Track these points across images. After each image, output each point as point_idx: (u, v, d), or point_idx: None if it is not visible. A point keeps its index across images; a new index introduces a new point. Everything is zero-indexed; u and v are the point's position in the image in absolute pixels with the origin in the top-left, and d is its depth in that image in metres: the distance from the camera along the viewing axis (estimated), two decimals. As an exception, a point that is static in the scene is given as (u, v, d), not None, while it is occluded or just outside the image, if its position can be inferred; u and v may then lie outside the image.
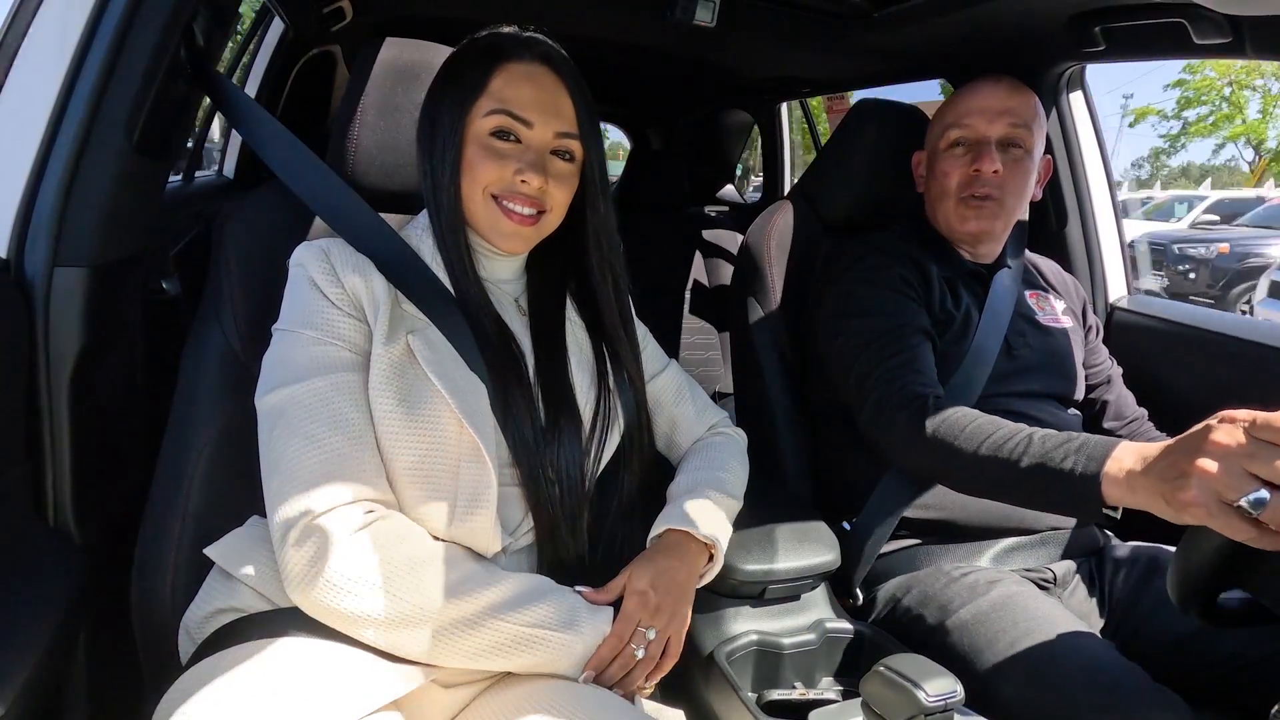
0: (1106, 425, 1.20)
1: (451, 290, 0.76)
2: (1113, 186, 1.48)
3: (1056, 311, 1.19)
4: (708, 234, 2.75)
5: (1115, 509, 0.74)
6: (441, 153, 0.75)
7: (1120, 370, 1.23)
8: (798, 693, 0.84)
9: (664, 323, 2.55)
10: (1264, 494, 0.54)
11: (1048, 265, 1.29)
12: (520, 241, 0.79)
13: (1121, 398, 1.20)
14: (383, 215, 0.82)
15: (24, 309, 0.72)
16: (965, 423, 0.87)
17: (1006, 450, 0.81)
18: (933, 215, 1.16)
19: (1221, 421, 0.60)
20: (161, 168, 0.89)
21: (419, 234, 0.80)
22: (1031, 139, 1.09)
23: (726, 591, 0.90)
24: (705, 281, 2.67)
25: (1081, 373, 1.15)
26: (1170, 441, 0.66)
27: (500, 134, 0.75)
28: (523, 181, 0.74)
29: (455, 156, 0.75)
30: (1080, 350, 1.17)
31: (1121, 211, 1.51)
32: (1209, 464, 0.58)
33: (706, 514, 0.81)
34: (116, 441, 0.87)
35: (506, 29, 0.79)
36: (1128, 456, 0.70)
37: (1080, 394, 1.14)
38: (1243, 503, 0.54)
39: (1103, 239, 1.45)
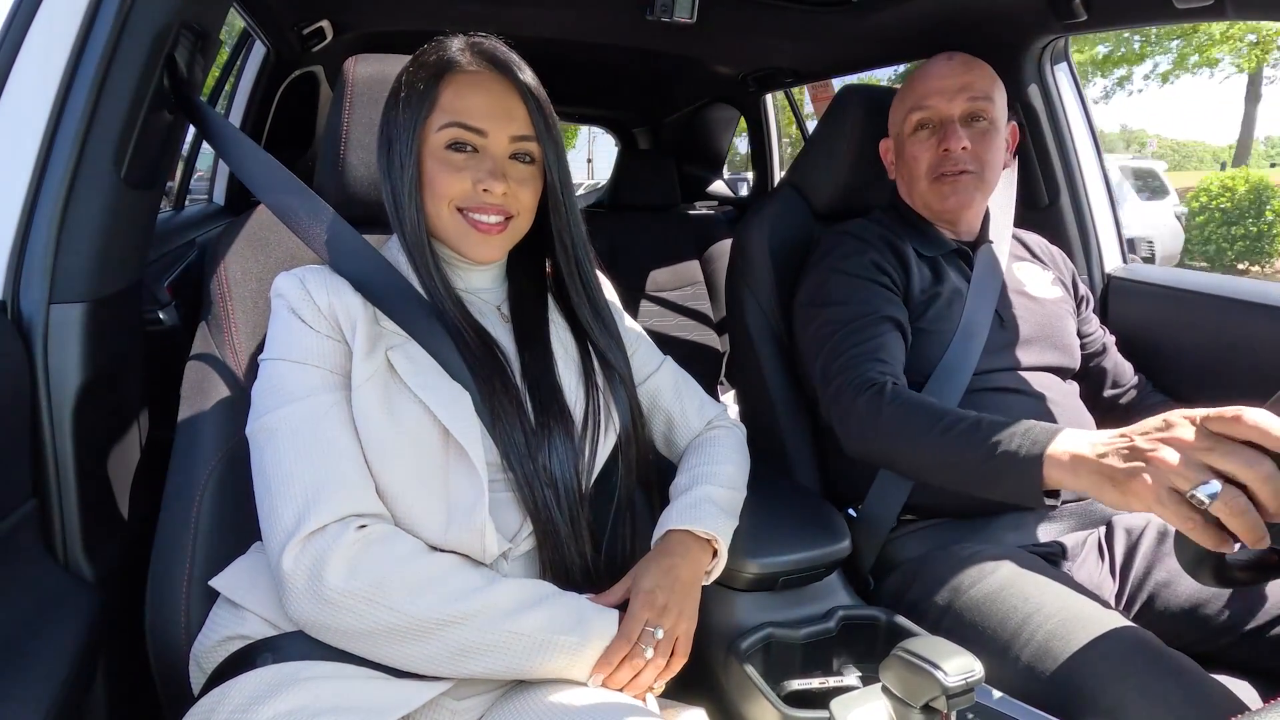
0: (1106, 394, 1.20)
1: (430, 303, 0.77)
2: (1101, 157, 1.48)
3: (1045, 282, 1.19)
4: (701, 230, 2.75)
5: (1056, 495, 0.75)
6: (400, 171, 0.75)
7: (1114, 339, 1.23)
8: (817, 681, 0.84)
9: (662, 321, 2.55)
10: (1217, 485, 0.55)
11: (1033, 239, 1.29)
12: (492, 249, 0.79)
13: (1118, 365, 1.21)
14: (370, 230, 0.83)
15: (23, 348, 0.73)
16: (917, 407, 0.89)
17: (954, 433, 0.82)
18: (909, 198, 1.17)
19: (1179, 416, 0.62)
20: (151, 199, 0.89)
21: (397, 250, 0.80)
22: (993, 109, 1.09)
23: (740, 585, 0.90)
24: (701, 277, 2.67)
25: (1076, 342, 1.15)
26: (1123, 430, 0.68)
27: (456, 146, 0.76)
28: (485, 191, 0.75)
29: (414, 174, 0.75)
30: (1072, 320, 1.17)
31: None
32: (1168, 454, 0.59)
33: (707, 511, 0.81)
34: (122, 475, 0.87)
35: (454, 40, 0.79)
36: (1073, 440, 0.72)
37: (1076, 364, 1.15)
38: (1197, 493, 0.56)
39: (1095, 210, 1.45)
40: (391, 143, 0.76)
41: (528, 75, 0.78)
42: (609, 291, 0.95)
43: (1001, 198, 1.24)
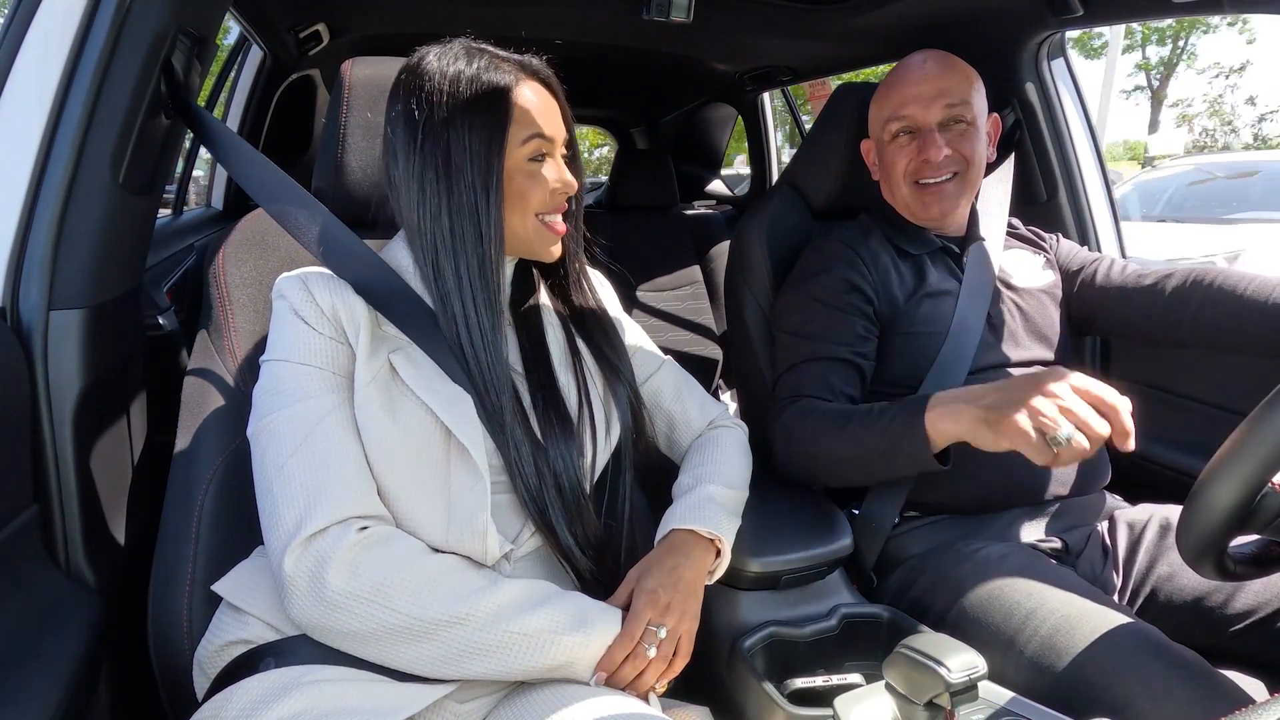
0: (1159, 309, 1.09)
1: (431, 306, 0.76)
2: (1100, 153, 1.48)
3: (1036, 267, 1.18)
4: (699, 230, 2.75)
5: (947, 459, 0.88)
6: (474, 189, 0.73)
7: (1111, 258, 1.18)
8: (821, 679, 0.84)
9: (661, 321, 2.55)
10: (1070, 429, 0.73)
11: (1017, 219, 1.28)
12: (559, 245, 0.82)
13: (1116, 265, 1.16)
14: (368, 234, 0.83)
15: (22, 354, 0.73)
16: (830, 413, 0.97)
17: (854, 423, 0.93)
18: (891, 200, 1.17)
19: (1052, 375, 0.77)
20: (150, 203, 0.89)
21: (396, 254, 0.79)
22: (971, 111, 1.08)
23: (742, 584, 0.90)
24: (699, 277, 2.67)
25: (1065, 332, 1.15)
26: (1000, 382, 0.82)
27: (536, 157, 0.77)
28: (561, 194, 0.78)
29: (499, 194, 0.74)
30: (1058, 307, 1.16)
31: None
32: (1043, 403, 0.75)
33: (710, 510, 0.81)
34: (123, 480, 0.87)
35: (503, 57, 0.78)
36: (950, 391, 0.87)
37: (1069, 357, 1.15)
38: (1058, 435, 0.73)
39: (1094, 206, 1.45)
40: (453, 161, 0.73)
41: (554, 79, 0.81)
42: (609, 292, 0.95)
43: (996, 193, 1.24)
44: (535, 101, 0.77)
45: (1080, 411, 0.73)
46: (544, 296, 0.88)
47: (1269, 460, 0.60)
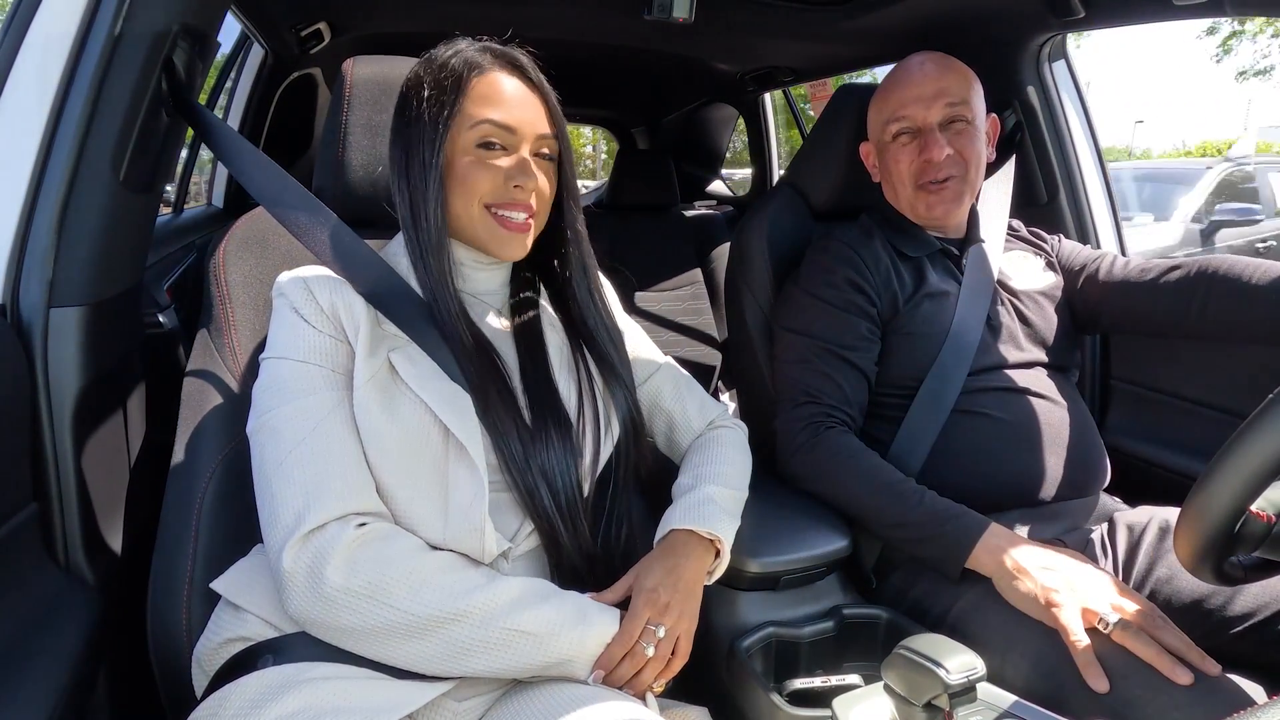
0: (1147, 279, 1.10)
1: (430, 306, 0.76)
2: (1101, 155, 1.48)
3: (1036, 269, 1.18)
4: (700, 230, 2.74)
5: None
6: (423, 170, 0.74)
7: (1114, 255, 1.18)
8: (819, 680, 0.84)
9: (661, 322, 2.55)
10: (1117, 615, 0.78)
11: (1020, 223, 1.28)
12: (519, 246, 0.79)
13: (1118, 262, 1.16)
14: (368, 233, 0.83)
15: (22, 352, 0.73)
16: (863, 459, 0.99)
17: (902, 494, 0.95)
18: (895, 202, 1.17)
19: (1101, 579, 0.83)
20: (150, 202, 0.89)
21: (397, 254, 0.80)
22: (971, 110, 1.09)
23: (742, 584, 0.90)
24: (700, 279, 2.67)
25: (1065, 334, 1.14)
26: (1057, 552, 0.87)
27: (487, 144, 0.76)
28: (517, 188, 0.76)
29: (440, 175, 0.75)
30: (1062, 310, 1.16)
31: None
32: (1092, 609, 0.79)
33: (710, 511, 0.81)
34: (123, 478, 0.87)
35: (464, 41, 0.79)
36: (1006, 536, 0.89)
37: (1069, 359, 1.15)
38: (1106, 618, 0.78)
39: (1094, 208, 1.45)
40: (411, 144, 0.75)
41: (540, 75, 0.80)
42: (609, 292, 0.95)
43: (996, 195, 1.24)
44: (499, 89, 0.76)
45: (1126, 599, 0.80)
46: (545, 302, 0.88)
47: (1263, 472, 0.60)
